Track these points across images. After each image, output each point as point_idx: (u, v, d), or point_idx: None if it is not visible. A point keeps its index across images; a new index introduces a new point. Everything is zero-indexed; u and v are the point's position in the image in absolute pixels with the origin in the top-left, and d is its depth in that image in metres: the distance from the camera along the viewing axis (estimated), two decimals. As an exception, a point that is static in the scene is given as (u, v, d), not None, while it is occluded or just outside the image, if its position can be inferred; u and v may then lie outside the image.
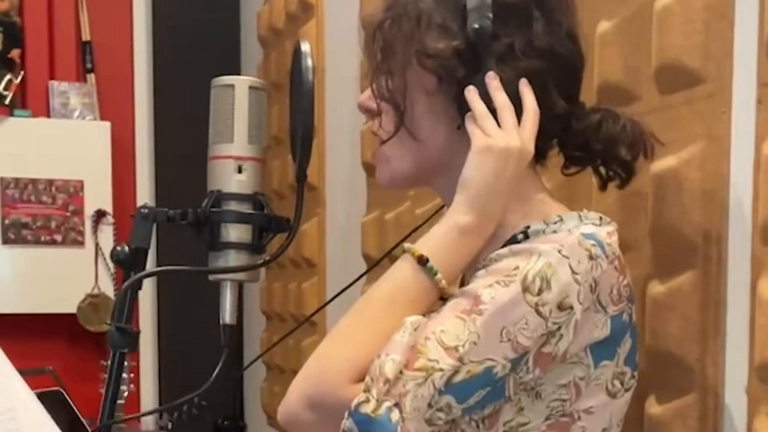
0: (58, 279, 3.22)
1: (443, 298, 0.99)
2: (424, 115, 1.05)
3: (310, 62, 1.11)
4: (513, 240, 1.02)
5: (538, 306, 0.93)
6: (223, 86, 1.19)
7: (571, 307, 0.93)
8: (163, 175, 3.34)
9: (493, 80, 1.00)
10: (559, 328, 0.94)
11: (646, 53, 1.17)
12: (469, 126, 1.01)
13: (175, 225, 1.22)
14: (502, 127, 1.00)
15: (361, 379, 0.94)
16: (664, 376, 1.15)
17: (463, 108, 1.02)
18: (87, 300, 3.23)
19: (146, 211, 1.21)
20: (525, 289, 0.93)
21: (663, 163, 1.13)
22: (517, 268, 0.94)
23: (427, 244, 1.00)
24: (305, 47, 1.12)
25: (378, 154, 1.10)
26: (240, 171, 1.19)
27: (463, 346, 0.91)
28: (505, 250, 0.98)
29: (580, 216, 1.02)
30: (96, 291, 3.24)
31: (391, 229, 2.02)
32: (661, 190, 1.14)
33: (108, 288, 3.27)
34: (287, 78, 2.80)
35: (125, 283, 1.15)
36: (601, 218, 1.02)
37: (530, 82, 1.01)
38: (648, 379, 1.14)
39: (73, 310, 3.20)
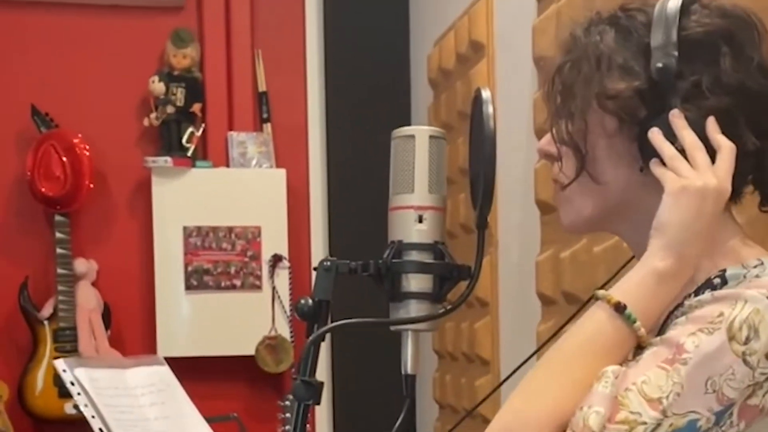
0: (236, 322, 3.33)
1: (640, 347, 0.95)
2: (605, 158, 1.02)
3: (491, 109, 1.09)
4: (708, 284, 0.97)
5: (746, 355, 0.88)
6: (403, 137, 1.18)
7: None
8: (335, 219, 3.40)
9: (677, 118, 0.97)
10: (767, 379, 0.89)
11: None
12: (658, 169, 0.98)
13: (356, 276, 1.22)
14: (695, 167, 0.96)
15: None
16: None
17: (646, 149, 0.99)
18: (264, 342, 3.31)
19: (329, 263, 1.21)
20: (731, 337, 0.88)
21: None
22: (721, 314, 0.90)
23: (623, 290, 0.96)
24: (486, 94, 1.10)
25: (559, 198, 1.08)
26: (421, 221, 1.18)
27: (667, 397, 0.88)
28: (707, 295, 0.94)
29: None
30: (273, 333, 3.32)
31: (567, 268, 1.97)
32: None
33: (284, 330, 3.34)
34: (457, 119, 2.82)
35: (311, 337, 1.15)
36: None
37: (719, 120, 0.97)
38: None
39: (251, 352, 3.29)
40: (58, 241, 3.22)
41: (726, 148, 0.97)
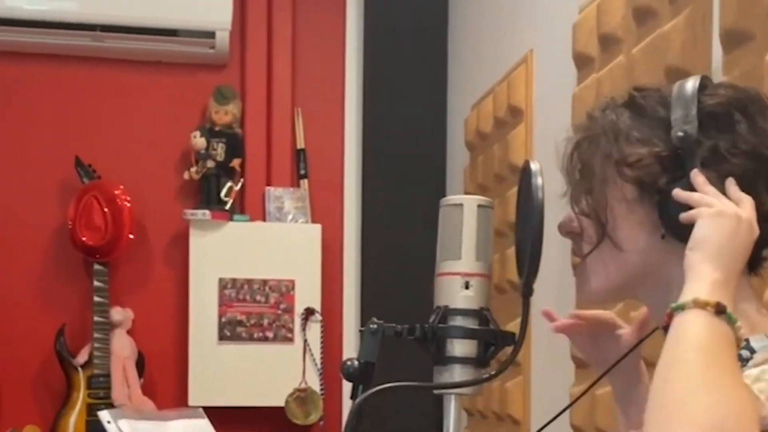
0: (267, 374, 3.35)
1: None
2: (626, 226, 1.05)
3: (540, 181, 1.12)
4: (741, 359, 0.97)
5: None
6: (452, 205, 1.22)
7: None
8: (368, 275, 3.43)
9: (698, 176, 1.00)
10: None
11: None
12: (692, 213, 0.99)
13: (401, 340, 1.25)
14: (719, 201, 0.99)
15: None
16: None
17: (667, 216, 1.01)
18: (295, 394, 3.32)
19: (375, 326, 1.23)
20: None
21: None
22: None
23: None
24: (535, 166, 1.13)
25: (580, 269, 1.10)
26: (467, 287, 1.21)
27: None
28: (755, 371, 0.94)
29: None
30: (303, 386, 3.34)
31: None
32: None
33: (314, 383, 3.35)
34: (494, 181, 2.85)
35: (358, 399, 1.18)
36: None
37: (738, 182, 1.00)
38: None
39: (281, 403, 3.31)
40: (96, 290, 3.27)
41: (747, 200, 0.99)
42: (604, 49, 2.05)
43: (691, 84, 1.04)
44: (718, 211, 0.98)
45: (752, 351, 0.97)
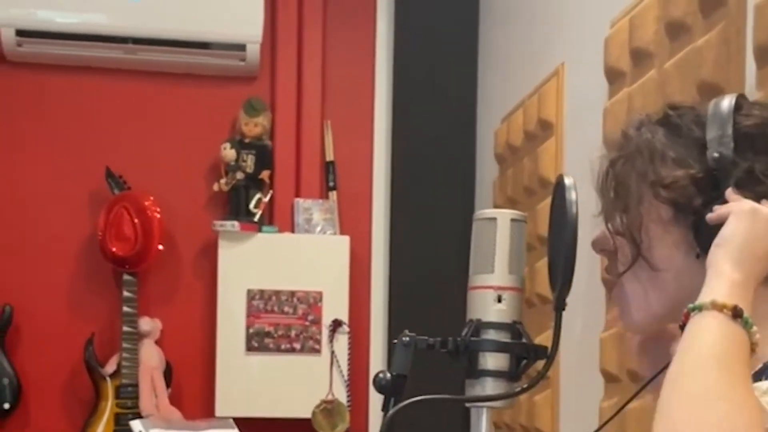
0: (295, 385, 3.35)
1: None
2: (661, 246, 1.05)
3: (573, 195, 1.13)
4: (759, 374, 0.96)
5: None
6: (485, 219, 1.22)
7: None
8: (396, 287, 3.43)
9: (733, 194, 1.00)
10: None
11: None
12: (732, 195, 1.00)
13: (432, 352, 1.25)
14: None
15: None
16: None
17: (702, 237, 1.01)
18: (321, 406, 3.33)
19: (408, 339, 1.24)
20: None
21: None
22: None
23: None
24: (569, 181, 1.14)
25: (618, 295, 1.10)
26: (500, 300, 1.21)
27: None
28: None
29: None
30: (330, 397, 3.34)
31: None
32: None
33: (341, 394, 3.36)
34: (523, 194, 2.84)
35: (390, 411, 1.18)
36: None
37: None
38: None
39: (308, 415, 3.31)
40: (125, 300, 3.29)
41: None
42: (636, 63, 2.05)
43: (727, 103, 1.04)
44: (753, 208, 0.98)
45: None
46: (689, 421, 0.86)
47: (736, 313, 0.92)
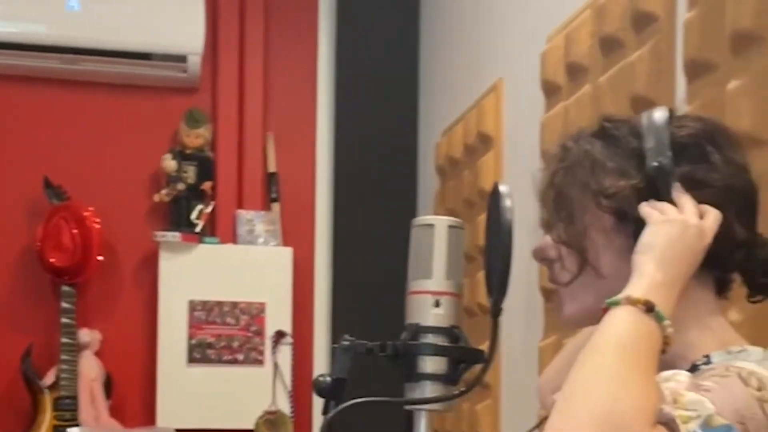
0: (237, 396, 3.34)
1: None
2: (605, 254, 1.08)
3: (509, 203, 1.16)
4: (694, 368, 1.01)
5: (762, 401, 0.91)
6: (423, 225, 1.24)
7: None
8: (339, 298, 3.44)
9: (681, 195, 1.04)
10: None
11: None
12: (645, 209, 1.03)
13: (372, 356, 1.27)
14: (682, 212, 1.03)
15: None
16: None
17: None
18: (264, 417, 3.32)
19: (347, 343, 1.25)
20: (745, 383, 0.92)
21: None
22: (728, 368, 0.94)
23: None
24: (504, 188, 1.16)
25: (562, 294, 1.13)
26: (437, 305, 1.23)
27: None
28: (706, 373, 0.97)
29: (764, 351, 1.01)
30: (273, 408, 3.34)
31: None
32: None
33: (285, 405, 3.36)
34: (463, 206, 2.88)
35: (330, 414, 1.20)
36: None
37: None
38: None
39: (250, 426, 3.30)
40: (64, 311, 3.25)
41: (713, 211, 1.03)
42: (572, 78, 2.10)
43: (661, 115, 1.08)
44: (665, 219, 1.02)
45: (709, 362, 1.01)
46: (580, 398, 0.91)
47: (649, 307, 0.96)
